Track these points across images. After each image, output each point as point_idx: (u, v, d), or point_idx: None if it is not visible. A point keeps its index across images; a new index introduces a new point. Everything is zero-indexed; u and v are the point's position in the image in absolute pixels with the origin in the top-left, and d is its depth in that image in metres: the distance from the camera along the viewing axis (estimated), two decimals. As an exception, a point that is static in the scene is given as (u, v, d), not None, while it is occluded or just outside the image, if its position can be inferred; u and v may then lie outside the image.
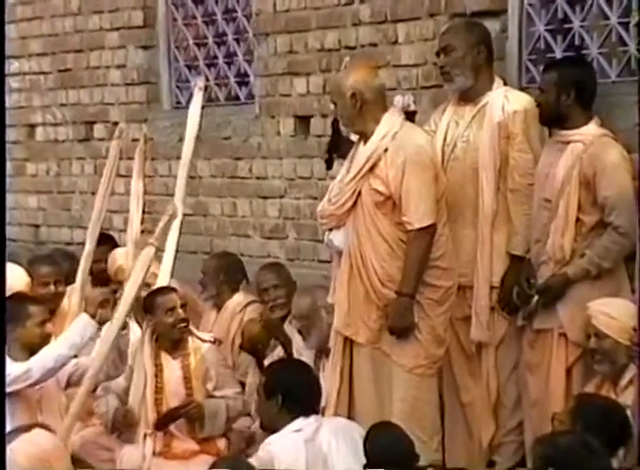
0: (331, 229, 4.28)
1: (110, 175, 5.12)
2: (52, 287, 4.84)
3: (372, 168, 4.15)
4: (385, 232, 4.14)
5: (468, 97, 4.32)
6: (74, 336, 4.14)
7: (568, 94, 4.06)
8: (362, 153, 4.17)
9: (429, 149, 4.17)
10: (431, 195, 4.10)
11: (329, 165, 4.51)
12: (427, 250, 4.11)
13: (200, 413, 4.43)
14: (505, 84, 4.38)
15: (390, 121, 4.15)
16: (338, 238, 4.25)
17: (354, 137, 4.28)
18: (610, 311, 3.86)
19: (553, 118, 4.10)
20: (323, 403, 4.10)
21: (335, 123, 4.35)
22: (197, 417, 4.43)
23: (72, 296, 5.09)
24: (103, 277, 5.30)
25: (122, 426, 4.43)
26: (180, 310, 4.51)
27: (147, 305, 4.54)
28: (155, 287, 4.70)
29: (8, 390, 3.40)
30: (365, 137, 4.19)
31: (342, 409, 4.19)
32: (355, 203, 4.18)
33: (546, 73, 4.13)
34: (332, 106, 4.34)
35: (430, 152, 4.16)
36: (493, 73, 4.38)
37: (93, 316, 4.18)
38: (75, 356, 4.23)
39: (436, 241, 4.14)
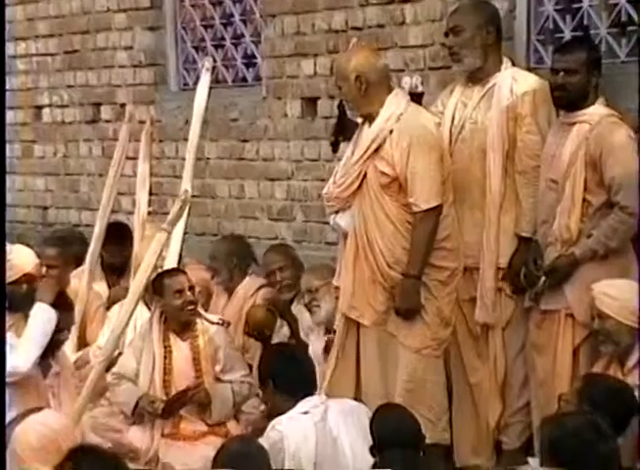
0: (337, 212, 4.28)
1: (119, 159, 5.14)
2: (43, 269, 4.77)
3: (377, 150, 4.15)
4: (391, 214, 4.14)
5: (476, 78, 4.30)
6: (44, 323, 4.10)
7: (594, 75, 4.03)
8: (367, 135, 4.17)
9: (434, 130, 4.16)
10: (436, 176, 4.10)
11: (335, 148, 4.50)
12: (433, 231, 4.11)
13: (207, 398, 4.43)
14: (513, 65, 4.36)
15: (395, 103, 4.15)
16: (344, 220, 4.25)
17: (360, 120, 4.27)
18: (612, 292, 3.86)
19: (578, 100, 4.04)
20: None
21: (341, 106, 4.34)
22: (204, 402, 4.43)
23: (82, 277, 5.12)
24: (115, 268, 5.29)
25: (150, 413, 4.40)
26: (189, 293, 4.52)
27: (155, 286, 4.55)
28: (163, 269, 4.71)
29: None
30: (370, 119, 4.18)
31: (347, 390, 4.19)
32: (361, 185, 4.18)
33: (572, 54, 4.05)
34: (337, 90, 4.32)
35: (435, 133, 4.15)
36: (502, 54, 4.36)
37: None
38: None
39: (442, 222, 4.14)
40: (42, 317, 4.06)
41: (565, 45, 4.27)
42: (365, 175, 4.17)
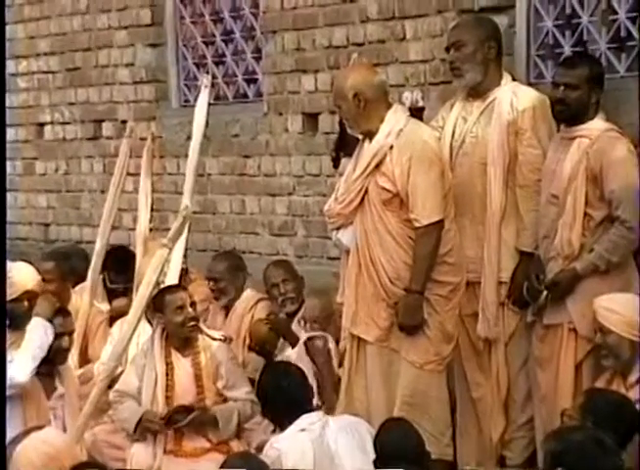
0: (339, 228, 4.28)
1: (120, 174, 5.15)
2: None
3: (378, 166, 4.15)
4: (392, 229, 4.14)
5: (476, 93, 4.32)
6: (40, 335, 4.10)
7: (596, 90, 4.05)
8: (368, 151, 4.17)
9: (434, 145, 4.17)
10: (438, 191, 4.10)
11: (336, 164, 4.51)
12: (435, 246, 4.11)
13: (211, 419, 4.42)
14: (514, 80, 4.38)
15: (395, 119, 4.16)
16: (346, 237, 4.26)
17: (361, 136, 4.28)
18: (613, 306, 3.86)
19: (578, 115, 4.05)
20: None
21: (342, 122, 4.35)
22: (208, 423, 4.42)
23: (83, 294, 5.12)
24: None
25: (152, 429, 4.39)
26: (190, 309, 4.51)
27: (156, 303, 4.55)
28: (164, 285, 4.71)
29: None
30: (371, 135, 4.19)
31: (357, 407, 4.18)
32: (362, 201, 4.19)
33: (574, 69, 4.07)
34: (337, 109, 4.34)
35: (435, 148, 4.16)
36: (502, 69, 4.38)
37: None
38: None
39: (444, 236, 4.14)
40: (39, 330, 4.06)
41: (567, 60, 4.29)
42: (366, 191, 4.17)
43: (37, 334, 4.05)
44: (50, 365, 4.25)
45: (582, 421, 3.30)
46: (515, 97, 4.25)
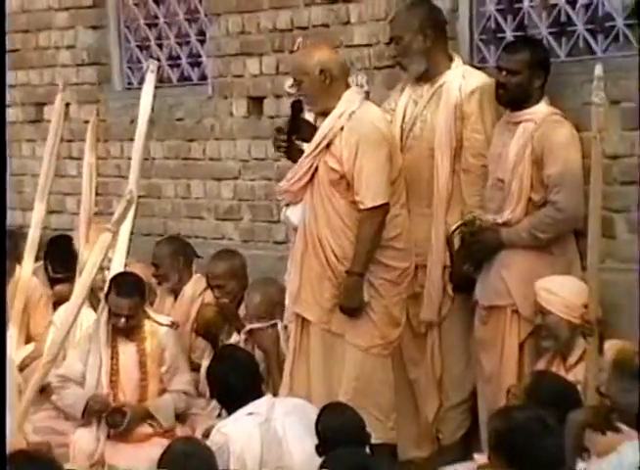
0: (288, 205, 4.26)
1: (55, 133, 5.04)
2: None
3: (328, 146, 4.15)
4: (340, 210, 4.14)
5: (426, 77, 4.33)
6: None
7: (538, 75, 4.08)
8: (320, 130, 4.17)
9: (384, 128, 4.17)
10: (384, 175, 4.11)
11: (287, 148, 4.36)
12: (378, 229, 4.11)
13: (144, 413, 4.41)
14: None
15: (350, 100, 4.16)
16: (294, 214, 4.25)
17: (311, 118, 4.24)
18: (553, 288, 3.93)
19: (520, 100, 4.09)
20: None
21: (295, 105, 4.31)
22: (144, 417, 4.42)
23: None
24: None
25: (99, 413, 4.38)
26: (122, 320, 4.45)
27: (109, 287, 4.50)
28: (112, 270, 4.67)
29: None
30: (327, 115, 4.17)
31: (300, 388, 4.19)
32: (312, 179, 4.18)
33: (515, 54, 4.11)
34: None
35: (385, 131, 4.16)
36: (449, 51, 4.38)
37: None
38: None
39: (391, 221, 4.15)
40: None
41: (509, 45, 4.31)
42: (316, 170, 4.17)
43: None
44: None
45: (527, 401, 3.35)
46: (463, 80, 4.27)
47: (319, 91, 4.13)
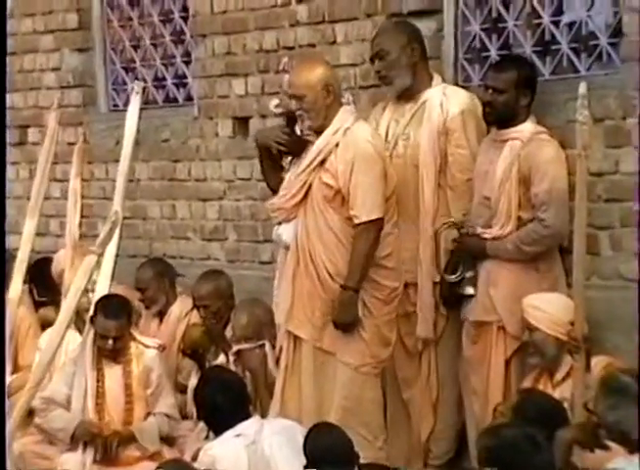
0: (280, 223, 4.26)
1: (48, 151, 5.03)
2: None
3: (323, 162, 4.17)
4: (334, 226, 4.15)
5: (407, 95, 4.37)
6: None
7: (525, 94, 4.11)
8: (315, 146, 4.18)
9: (379, 145, 4.20)
10: (379, 190, 4.13)
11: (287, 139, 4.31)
12: (373, 244, 4.12)
13: (129, 437, 4.40)
14: (444, 81, 4.42)
15: (344, 118, 4.18)
16: (286, 232, 4.24)
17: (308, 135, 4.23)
18: (539, 304, 3.94)
19: (507, 118, 4.11)
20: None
21: (289, 121, 4.30)
22: (129, 441, 4.40)
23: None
24: None
25: (87, 437, 4.35)
26: (110, 341, 4.43)
27: (95, 310, 4.48)
28: (97, 293, 4.64)
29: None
30: (321, 132, 4.19)
31: (291, 406, 4.17)
32: (305, 196, 4.19)
33: (502, 73, 4.14)
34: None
35: (379, 148, 4.20)
36: (430, 70, 4.42)
37: None
38: None
39: (384, 239, 4.16)
40: None
41: (496, 64, 4.35)
42: (310, 187, 4.18)
43: None
44: None
45: (514, 419, 3.35)
46: (445, 98, 4.30)
47: (321, 107, 4.15)
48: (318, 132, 4.21)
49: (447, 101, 4.27)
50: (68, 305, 4.33)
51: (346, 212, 4.13)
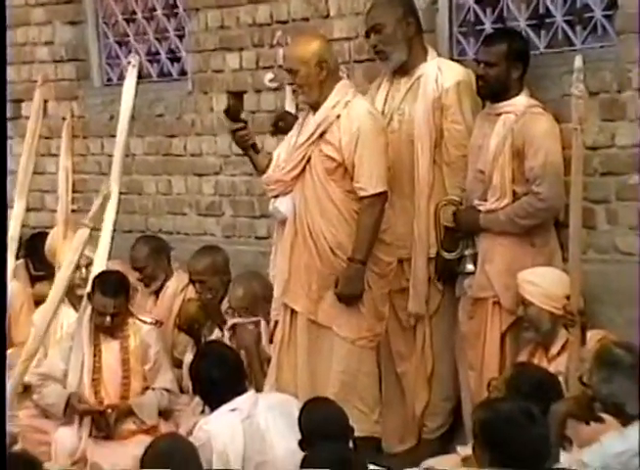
0: (276, 196, 4.24)
1: (34, 129, 5.01)
2: None
3: (322, 135, 4.15)
4: (336, 199, 4.14)
5: (402, 70, 4.34)
6: None
7: (516, 67, 4.09)
8: (313, 119, 4.17)
9: (380, 119, 4.20)
10: (383, 162, 4.12)
11: (275, 132, 4.44)
12: (379, 217, 4.12)
13: (127, 411, 4.40)
14: (439, 55, 4.40)
15: (343, 91, 4.17)
16: (284, 205, 4.22)
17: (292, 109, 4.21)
18: (534, 279, 3.95)
19: (499, 92, 4.11)
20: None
21: (235, 103, 4.31)
22: (127, 414, 4.41)
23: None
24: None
25: (80, 412, 4.36)
26: (108, 318, 4.43)
27: (93, 287, 4.47)
28: (94, 269, 4.64)
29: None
30: (317, 107, 4.18)
31: (286, 380, 4.18)
32: (304, 170, 4.17)
33: (492, 46, 4.13)
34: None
35: (382, 121, 4.19)
36: (425, 44, 4.39)
37: None
38: None
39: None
40: None
41: (487, 37, 4.33)
42: (309, 160, 4.16)
43: None
44: None
45: (508, 393, 3.36)
46: (440, 73, 4.28)
47: (315, 82, 4.13)
48: (314, 108, 4.18)
49: (442, 76, 4.25)
50: (60, 279, 4.35)
51: (348, 185, 4.12)
